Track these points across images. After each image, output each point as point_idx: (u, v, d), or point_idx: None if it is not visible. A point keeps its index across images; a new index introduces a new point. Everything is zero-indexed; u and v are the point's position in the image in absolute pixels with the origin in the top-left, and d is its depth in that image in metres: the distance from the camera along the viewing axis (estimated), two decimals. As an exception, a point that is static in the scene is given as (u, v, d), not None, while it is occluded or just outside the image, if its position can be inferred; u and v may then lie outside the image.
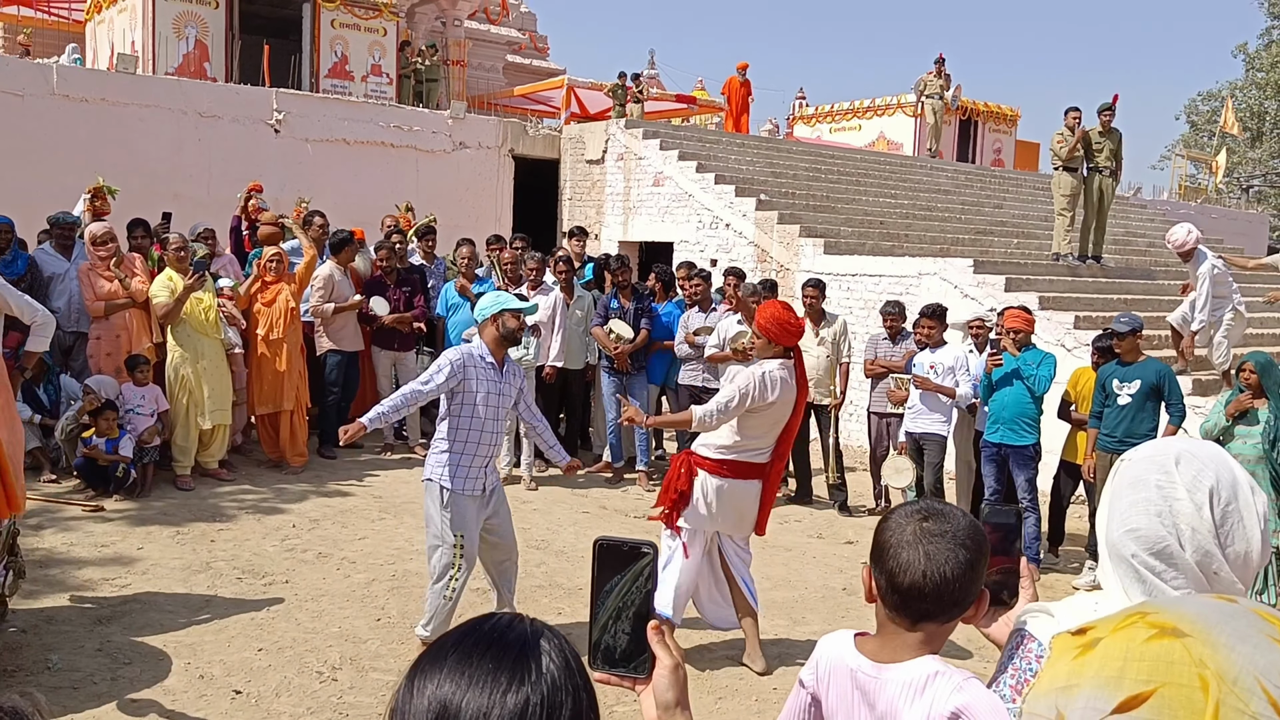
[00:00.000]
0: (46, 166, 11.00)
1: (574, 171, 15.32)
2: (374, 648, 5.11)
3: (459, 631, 1.04)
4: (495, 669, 0.98)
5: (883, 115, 24.13)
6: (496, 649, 1.00)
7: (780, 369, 4.92)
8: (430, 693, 0.97)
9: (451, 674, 0.98)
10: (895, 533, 1.66)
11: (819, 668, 1.77)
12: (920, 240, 13.20)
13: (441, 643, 1.03)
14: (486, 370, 4.86)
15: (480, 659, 0.99)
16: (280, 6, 15.54)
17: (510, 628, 1.03)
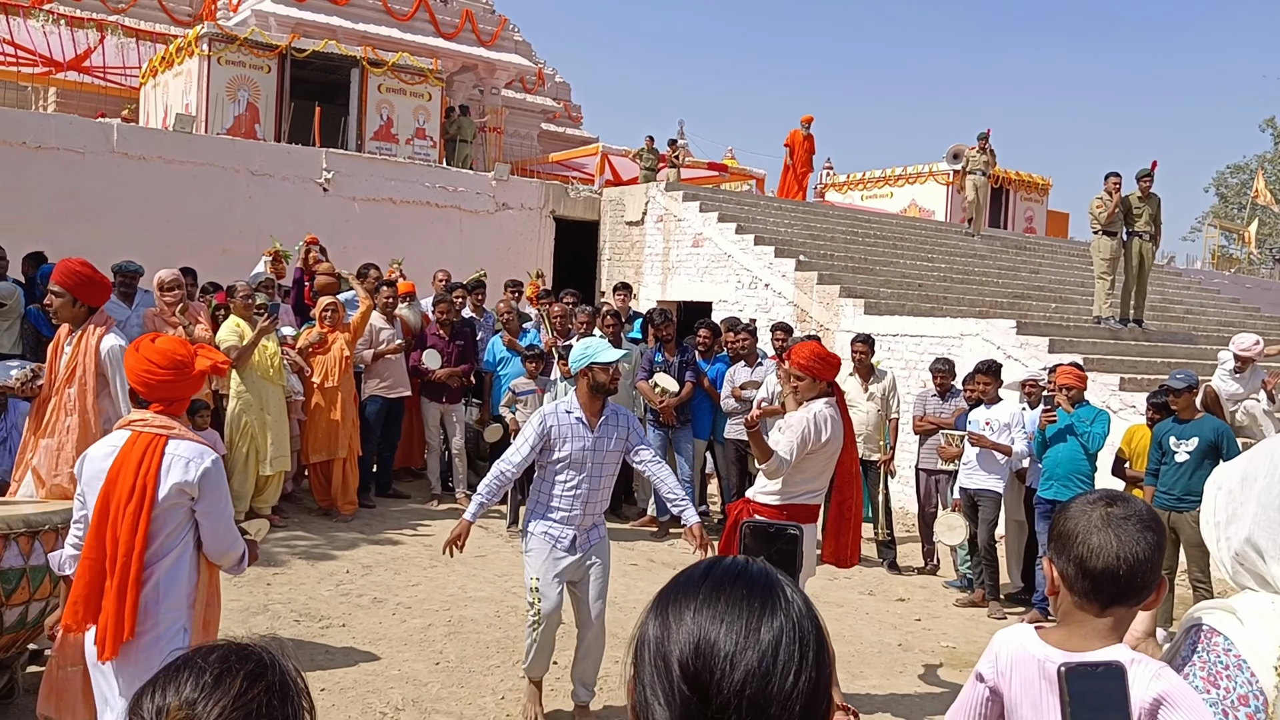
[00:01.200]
0: (104, 220, 11.28)
1: (613, 233, 15.53)
2: (434, 690, 5.09)
3: (702, 570, 1.07)
4: (748, 601, 1.01)
5: (914, 183, 24.36)
6: (744, 583, 1.03)
7: (827, 406, 4.97)
8: (687, 625, 1.00)
9: (706, 607, 1.01)
10: (1081, 519, 1.68)
11: (999, 661, 1.77)
12: (959, 303, 13.24)
13: (688, 578, 1.06)
14: (575, 427, 4.69)
15: (731, 592, 1.02)
16: (329, 72, 15.98)
17: (749, 565, 1.06)
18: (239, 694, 1.15)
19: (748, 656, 0.97)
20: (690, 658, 0.98)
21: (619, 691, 5.25)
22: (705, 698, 0.97)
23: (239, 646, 1.22)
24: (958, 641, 6.57)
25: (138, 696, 1.17)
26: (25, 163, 11.26)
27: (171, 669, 1.18)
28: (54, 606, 4.31)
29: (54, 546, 4.18)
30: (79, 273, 4.69)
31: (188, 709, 1.13)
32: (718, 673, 0.97)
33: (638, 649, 1.05)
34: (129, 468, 3.06)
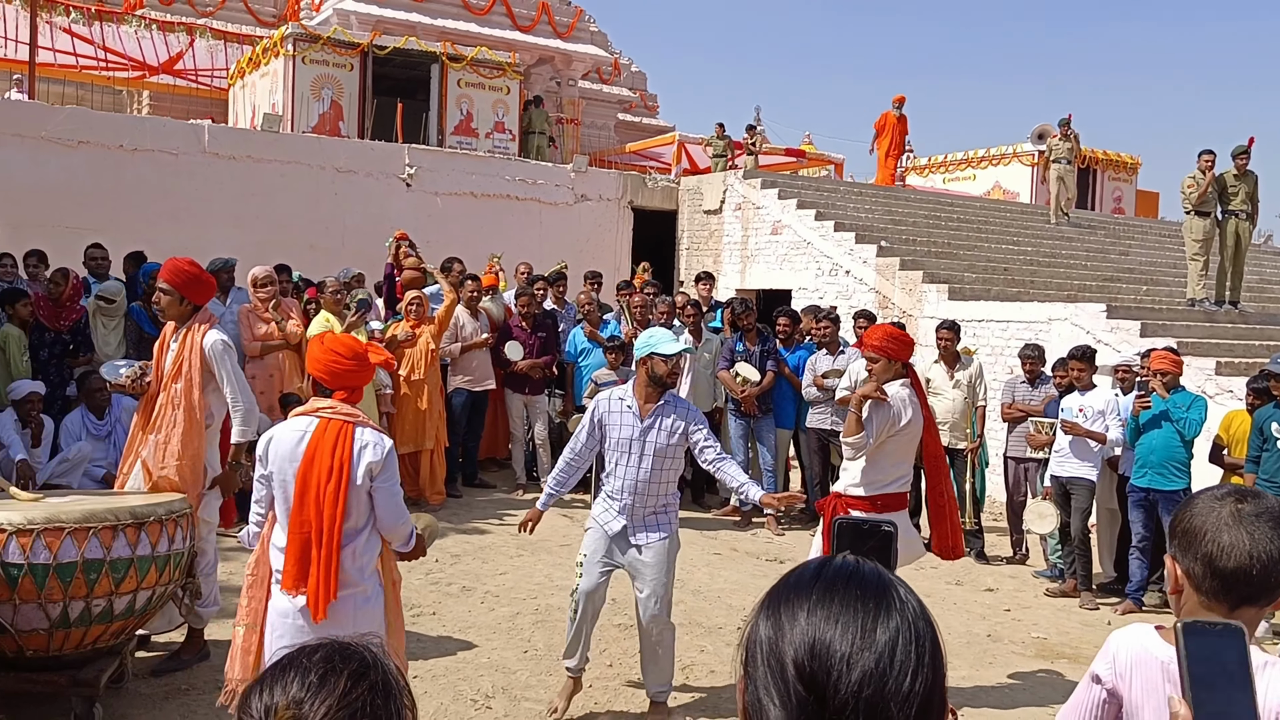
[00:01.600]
0: (198, 219, 11.64)
1: (691, 221, 15.50)
2: (524, 678, 5.16)
3: (813, 569, 1.06)
4: (862, 602, 1.00)
5: (998, 164, 23.80)
6: (857, 583, 1.02)
7: (904, 388, 4.91)
8: (801, 626, 0.99)
9: (820, 607, 1.00)
10: (1209, 516, 1.62)
11: (1117, 662, 1.73)
12: (1046, 287, 12.91)
13: (799, 578, 1.05)
14: (624, 415, 4.66)
15: (845, 592, 1.01)
16: (410, 68, 16.23)
17: (860, 564, 1.05)
18: (344, 693, 1.16)
19: (864, 657, 0.96)
20: (806, 659, 0.98)
21: (705, 680, 5.27)
22: (822, 698, 0.96)
23: (342, 646, 1.23)
24: (1048, 632, 6.44)
25: (246, 695, 1.20)
26: (122, 165, 11.68)
27: (278, 668, 1.20)
28: (160, 595, 4.49)
29: (159, 538, 4.36)
30: (187, 271, 4.86)
31: (295, 708, 1.15)
32: (834, 673, 0.96)
33: (749, 649, 1.04)
34: (324, 450, 3.48)
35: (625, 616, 5.61)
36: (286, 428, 3.61)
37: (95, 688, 4.21)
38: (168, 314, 4.89)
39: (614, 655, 5.56)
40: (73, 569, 4.04)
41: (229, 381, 4.84)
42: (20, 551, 3.96)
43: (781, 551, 8.07)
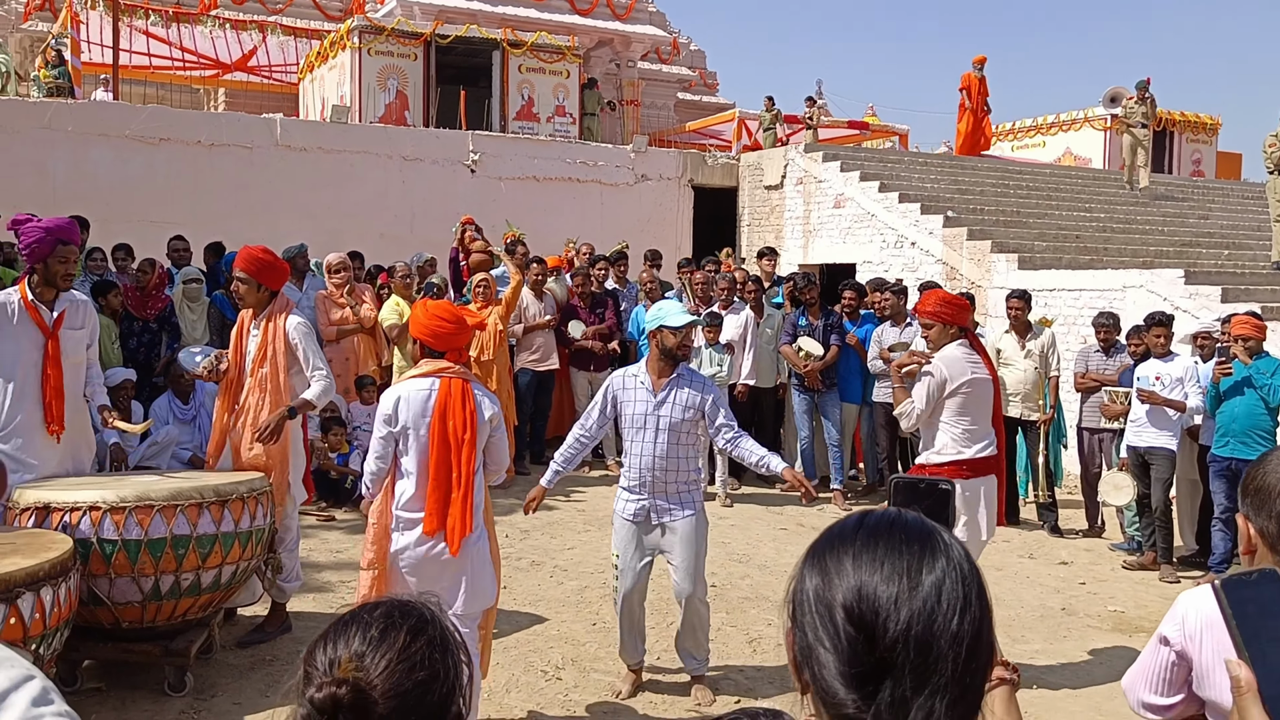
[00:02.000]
0: (273, 210, 11.97)
1: (752, 198, 15.44)
2: (593, 650, 5.27)
3: (854, 520, 1.09)
4: (906, 546, 1.03)
5: (1068, 130, 23.20)
6: (900, 529, 1.05)
7: (959, 348, 4.89)
8: (847, 573, 1.03)
9: (865, 553, 1.03)
10: (1278, 474, 1.59)
11: (1187, 624, 1.70)
12: (1120, 254, 12.60)
13: (842, 529, 1.09)
14: (637, 390, 4.60)
15: (889, 538, 1.04)
16: (472, 55, 16.41)
17: (901, 513, 1.08)
18: (404, 647, 1.22)
19: (912, 598, 0.99)
20: (854, 602, 1.01)
21: (772, 654, 5.31)
22: (871, 638, 0.99)
23: (401, 603, 1.29)
24: (1126, 605, 6.35)
25: (310, 650, 1.25)
26: (200, 160, 12.06)
27: (340, 624, 1.26)
28: (243, 570, 4.69)
29: (241, 514, 4.55)
30: (260, 259, 5.05)
31: (357, 660, 1.20)
32: (883, 614, 0.99)
33: (796, 600, 1.07)
34: (455, 406, 3.93)
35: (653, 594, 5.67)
36: (411, 387, 3.97)
37: (186, 657, 4.43)
38: (246, 301, 5.07)
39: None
40: (162, 544, 4.25)
41: (314, 357, 5.02)
42: (114, 528, 4.18)
43: (849, 525, 8.06)
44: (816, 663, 1.03)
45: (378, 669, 1.20)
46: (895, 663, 0.99)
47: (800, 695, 1.10)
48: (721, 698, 4.76)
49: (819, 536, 1.11)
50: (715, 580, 6.46)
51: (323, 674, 1.20)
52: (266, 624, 5.23)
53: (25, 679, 0.88)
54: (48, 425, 4.69)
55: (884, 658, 0.99)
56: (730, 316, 8.93)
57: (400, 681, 1.20)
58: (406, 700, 1.20)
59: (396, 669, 1.20)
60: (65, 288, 4.79)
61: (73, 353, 4.82)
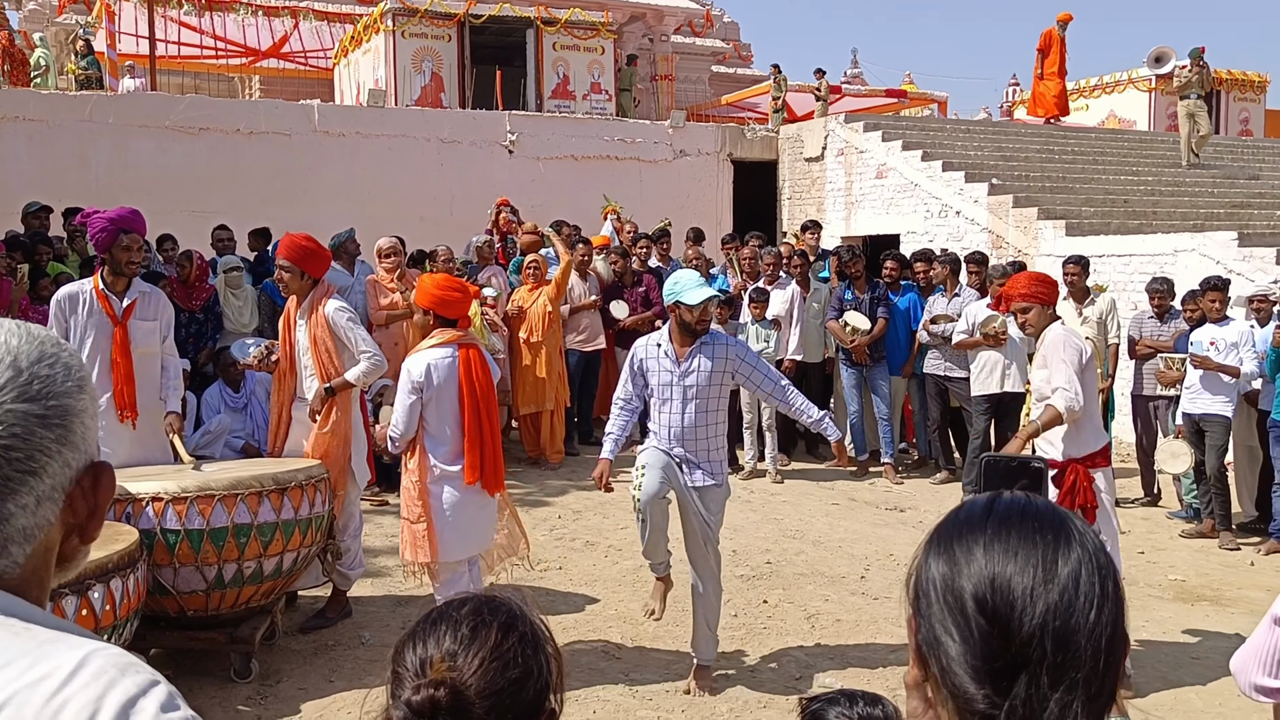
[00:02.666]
0: (312, 196, 12.03)
1: (792, 170, 15.28)
2: (650, 629, 5.26)
3: (983, 505, 1.04)
4: (1040, 535, 0.98)
5: (1112, 93, 22.73)
6: (1033, 517, 1.00)
7: (1066, 329, 4.72)
8: (979, 562, 0.98)
9: (996, 542, 0.98)
10: None
11: None
12: (1169, 217, 12.34)
13: (970, 515, 1.03)
14: (661, 360, 4.55)
15: (1021, 526, 0.99)
16: (505, 35, 16.34)
17: (1032, 500, 1.03)
18: (496, 644, 1.19)
19: (1048, 590, 0.95)
20: (987, 593, 0.96)
21: (831, 629, 5.27)
22: (1006, 632, 0.95)
23: (489, 599, 1.26)
24: (1186, 574, 6.24)
25: (399, 649, 1.23)
26: (240, 148, 12.13)
27: (428, 622, 1.23)
28: (304, 557, 4.72)
29: (300, 502, 4.58)
30: (304, 245, 5.06)
31: (449, 660, 1.18)
32: (1018, 606, 0.95)
33: (920, 588, 1.03)
34: (478, 370, 4.51)
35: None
36: (437, 355, 4.45)
37: (251, 644, 4.48)
38: (290, 289, 5.10)
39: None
40: (224, 533, 4.29)
41: (358, 340, 5.05)
42: (177, 518, 4.22)
43: (901, 500, 8.00)
44: (945, 655, 0.98)
45: (471, 668, 1.18)
46: (1031, 658, 0.94)
47: (911, 685, 1.06)
48: (782, 672, 4.73)
49: (945, 520, 1.06)
50: (770, 557, 6.45)
51: (414, 674, 1.18)
52: (328, 609, 5.28)
53: (151, 684, 0.87)
54: (120, 412, 4.80)
55: (1019, 653, 0.94)
56: (776, 292, 8.85)
57: (495, 680, 1.18)
58: (501, 699, 1.18)
59: (490, 667, 1.18)
60: (132, 274, 4.91)
61: (143, 343, 4.91)
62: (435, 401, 4.44)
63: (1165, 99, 21.82)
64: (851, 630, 5.26)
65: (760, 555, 6.48)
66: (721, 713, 4.36)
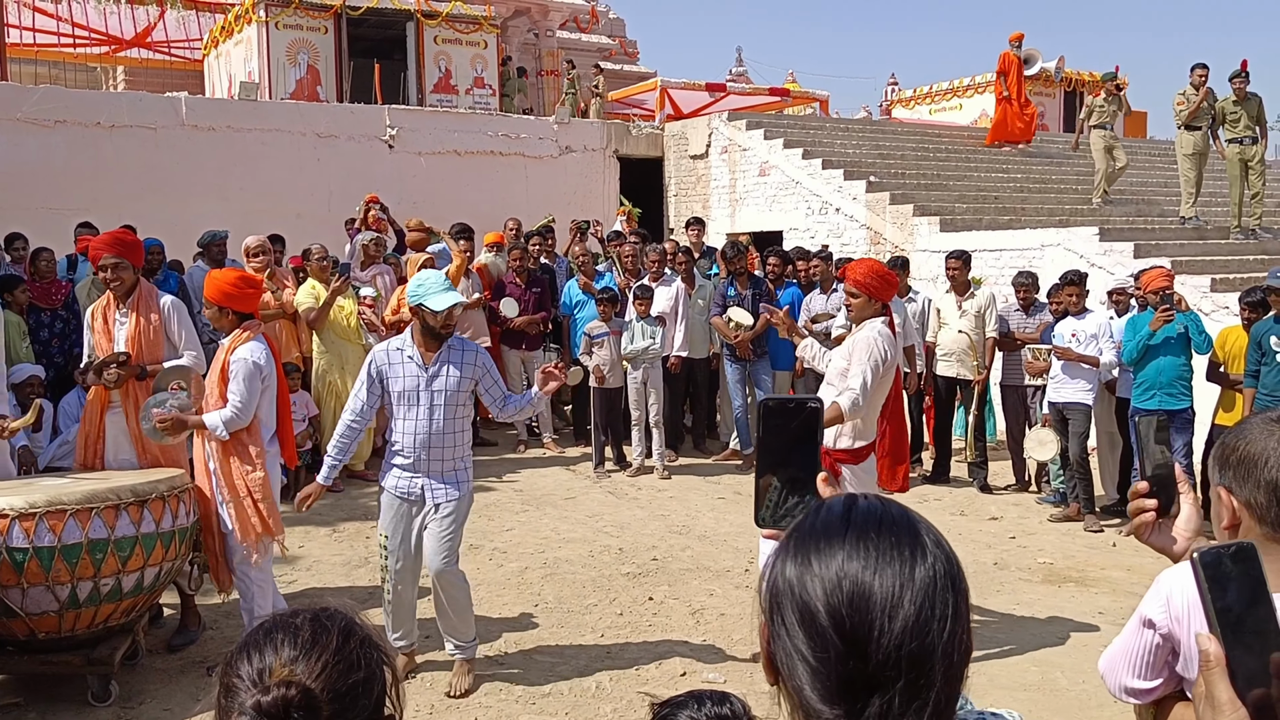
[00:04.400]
0: (181, 193, 11.53)
1: (678, 168, 15.37)
2: (536, 633, 5.20)
3: (840, 511, 1.01)
4: (897, 547, 0.96)
5: (984, 92, 23.49)
6: (889, 526, 0.98)
7: (885, 326, 4.76)
8: (834, 573, 0.95)
9: (856, 554, 0.96)
10: (1263, 441, 1.52)
11: (1172, 605, 1.62)
12: (1037, 213, 12.84)
13: (827, 521, 1.01)
14: (405, 365, 4.42)
15: (879, 537, 0.97)
16: (385, 27, 15.97)
17: (887, 505, 1.01)
18: (338, 648, 1.17)
19: (904, 607, 0.92)
20: (843, 608, 0.93)
21: (715, 623, 5.30)
22: (864, 655, 0.92)
23: (324, 608, 1.23)
24: (1054, 557, 6.49)
25: (232, 661, 1.17)
26: (101, 142, 11.54)
27: (262, 633, 1.18)
28: (168, 571, 4.50)
29: (162, 514, 4.36)
30: (126, 239, 4.96)
31: (290, 666, 1.14)
32: (876, 626, 0.91)
33: (774, 596, 0.99)
34: (278, 358, 4.89)
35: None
36: (260, 346, 4.61)
37: (110, 665, 4.25)
38: (125, 284, 4.81)
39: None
40: (78, 550, 4.05)
41: (188, 336, 4.92)
42: (24, 535, 3.97)
43: (785, 492, 8.11)
44: (798, 674, 0.96)
45: (315, 671, 1.14)
46: (886, 679, 0.92)
47: (772, 685, 1.03)
48: (666, 669, 4.73)
49: (800, 523, 1.03)
50: (656, 553, 6.45)
51: (253, 683, 1.13)
52: (187, 621, 5.07)
53: None
54: None
55: (874, 674, 0.92)
56: (661, 289, 8.87)
57: (340, 681, 1.15)
58: (347, 701, 1.15)
59: (335, 670, 1.15)
60: None
61: None
62: (268, 389, 4.64)
63: (1033, 99, 22.71)
64: (736, 624, 5.30)
65: (646, 552, 6.48)
66: (605, 713, 4.33)
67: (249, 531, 4.58)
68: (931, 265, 11.12)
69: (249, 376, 4.53)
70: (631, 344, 8.42)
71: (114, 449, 4.85)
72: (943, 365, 8.29)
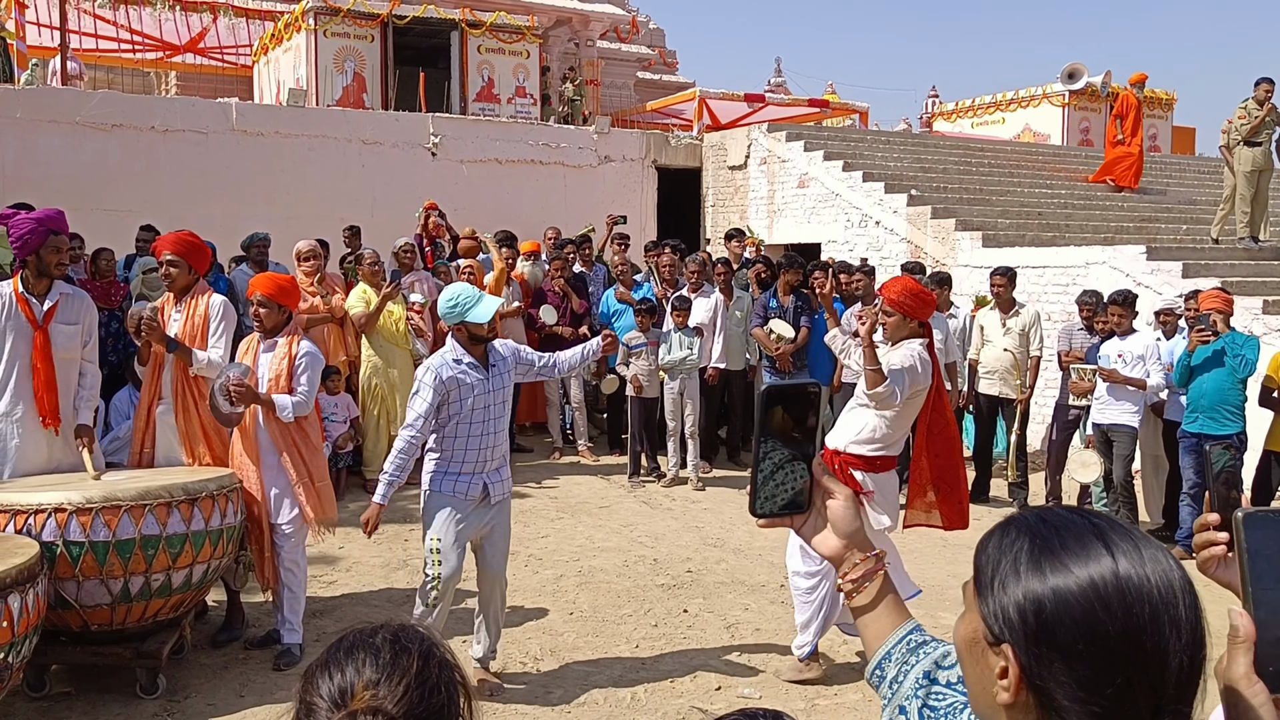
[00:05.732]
0: (230, 197, 11.73)
1: (716, 178, 15.40)
2: (570, 640, 5.24)
3: (1082, 522, 1.03)
4: (1146, 546, 0.98)
5: (1027, 106, 23.34)
6: (1114, 522, 1.01)
7: (923, 348, 4.66)
8: (1117, 589, 0.95)
9: (1120, 560, 0.96)
10: None
11: None
12: (1082, 230, 12.73)
13: (1066, 526, 1.02)
14: (469, 373, 4.41)
15: (1132, 537, 0.99)
16: (430, 37, 16.16)
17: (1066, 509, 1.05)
18: (419, 671, 1.16)
19: (1181, 609, 0.93)
20: (1143, 633, 0.93)
21: (750, 638, 5.31)
22: (1160, 683, 0.92)
23: (401, 626, 1.22)
24: (1094, 579, 6.42)
25: (311, 678, 1.17)
26: (155, 146, 11.78)
27: (342, 649, 1.18)
28: (215, 568, 4.60)
29: (211, 512, 4.45)
30: (190, 241, 5.07)
31: (373, 689, 1.13)
32: (1167, 646, 0.92)
33: (1041, 621, 0.96)
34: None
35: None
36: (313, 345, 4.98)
37: (158, 659, 4.34)
38: (178, 283, 4.99)
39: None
40: (131, 545, 4.15)
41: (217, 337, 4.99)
42: (81, 530, 4.08)
43: (821, 506, 8.09)
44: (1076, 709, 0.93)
45: (396, 696, 1.13)
46: (1168, 709, 0.93)
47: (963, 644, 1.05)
48: (701, 682, 4.75)
49: (1023, 534, 1.03)
50: (690, 565, 6.47)
51: (333, 704, 1.13)
52: (232, 619, 5.18)
53: None
54: (42, 420, 4.65)
55: (1163, 700, 0.92)
56: (700, 300, 8.90)
57: (418, 707, 1.14)
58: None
59: (415, 695, 1.14)
60: (60, 275, 4.77)
61: (64, 348, 4.75)
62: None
63: (1078, 114, 22.55)
64: (770, 639, 5.31)
65: (681, 564, 6.50)
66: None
67: (318, 511, 4.83)
68: (973, 281, 11.06)
69: (316, 369, 4.87)
70: (669, 354, 8.46)
71: (165, 448, 4.98)
72: (985, 383, 8.23)
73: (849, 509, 1.33)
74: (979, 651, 1.02)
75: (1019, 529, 1.02)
